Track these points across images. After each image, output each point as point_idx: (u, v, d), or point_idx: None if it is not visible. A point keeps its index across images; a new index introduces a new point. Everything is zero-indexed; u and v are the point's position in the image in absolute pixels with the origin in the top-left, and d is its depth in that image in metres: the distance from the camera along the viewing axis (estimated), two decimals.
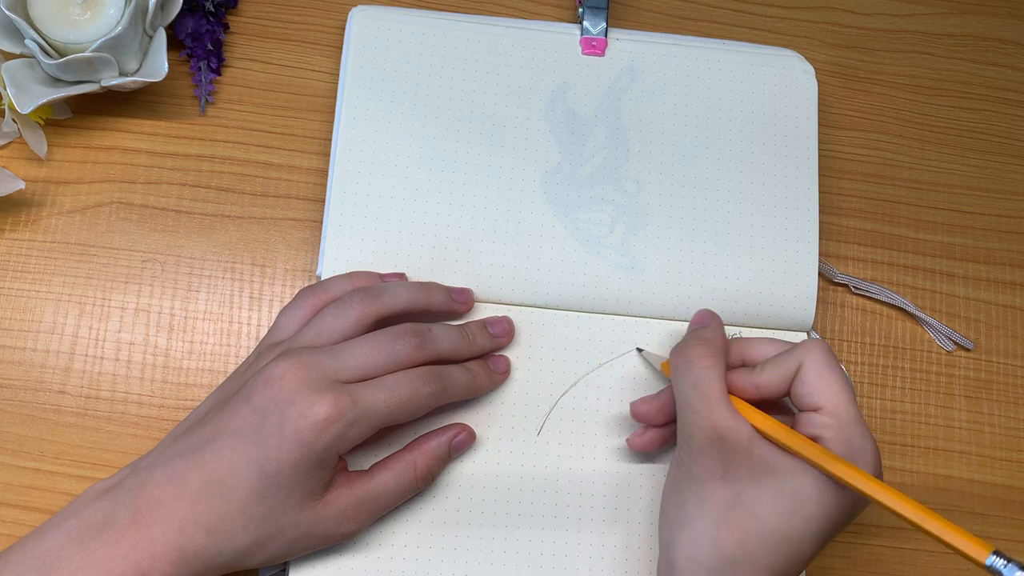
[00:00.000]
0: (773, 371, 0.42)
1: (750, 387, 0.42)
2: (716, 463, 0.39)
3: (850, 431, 0.39)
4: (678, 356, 0.43)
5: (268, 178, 0.51)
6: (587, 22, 0.52)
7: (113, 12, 0.48)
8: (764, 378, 0.42)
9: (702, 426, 0.40)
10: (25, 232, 0.50)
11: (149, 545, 0.38)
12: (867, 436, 0.40)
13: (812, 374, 0.40)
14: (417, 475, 0.43)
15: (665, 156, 0.51)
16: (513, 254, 0.49)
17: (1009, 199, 0.56)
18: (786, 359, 0.41)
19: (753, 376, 0.42)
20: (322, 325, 0.43)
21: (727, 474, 0.39)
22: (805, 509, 0.38)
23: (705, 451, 0.40)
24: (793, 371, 0.41)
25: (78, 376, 0.48)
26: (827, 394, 0.40)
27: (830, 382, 0.40)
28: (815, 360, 0.41)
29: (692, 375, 0.42)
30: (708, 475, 0.39)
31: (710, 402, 0.41)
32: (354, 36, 0.51)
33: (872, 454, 0.39)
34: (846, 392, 0.40)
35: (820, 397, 0.40)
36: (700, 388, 0.41)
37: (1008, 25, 0.59)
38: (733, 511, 0.38)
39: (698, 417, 0.41)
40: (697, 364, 0.42)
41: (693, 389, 0.41)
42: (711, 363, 0.42)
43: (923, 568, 0.50)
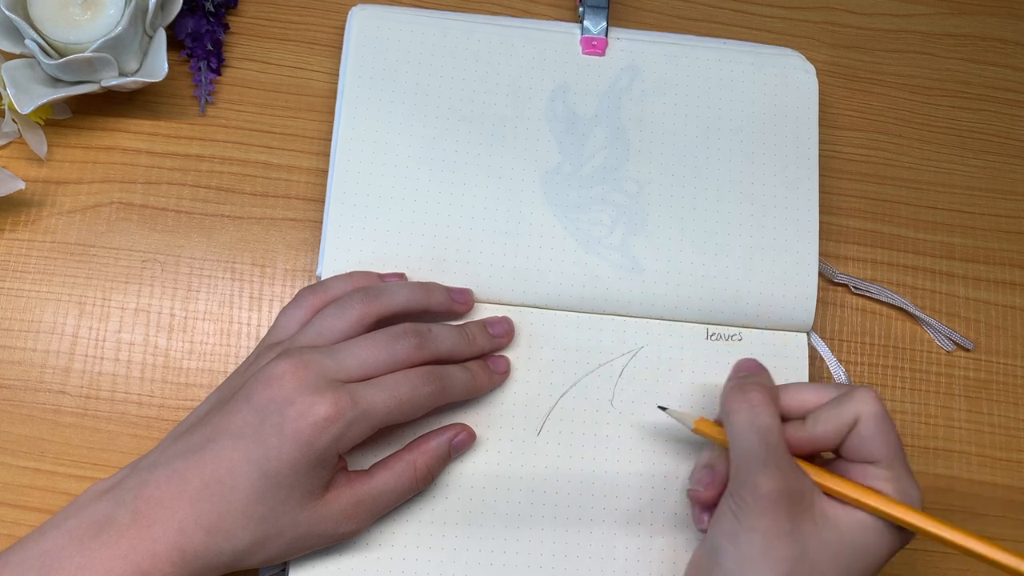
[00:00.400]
0: (827, 425, 0.41)
1: (805, 442, 0.41)
2: (785, 519, 0.39)
3: (904, 482, 0.40)
4: (739, 401, 0.42)
5: (268, 178, 0.51)
6: (587, 22, 0.52)
7: (113, 12, 0.48)
8: (819, 432, 0.41)
9: (770, 479, 0.39)
10: (25, 232, 0.50)
11: (149, 545, 0.38)
12: (916, 484, 0.41)
13: (871, 428, 0.40)
14: (417, 475, 0.43)
15: (665, 156, 0.51)
16: (513, 254, 0.49)
17: (1009, 199, 0.56)
18: (840, 412, 0.41)
19: (807, 430, 0.41)
20: (322, 325, 0.43)
21: (794, 530, 0.39)
22: (865, 559, 0.39)
23: (773, 506, 0.39)
24: (849, 425, 0.41)
25: (78, 376, 0.48)
26: (884, 446, 0.40)
27: (887, 435, 0.40)
28: (872, 414, 0.40)
29: (758, 422, 0.40)
30: (775, 530, 0.39)
31: (776, 451, 0.40)
32: (354, 36, 0.51)
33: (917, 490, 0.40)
34: (898, 442, 0.41)
35: (878, 450, 0.40)
36: (768, 438, 0.40)
37: (1008, 25, 0.59)
38: (799, 566, 0.39)
39: (766, 469, 0.39)
40: (763, 412, 0.41)
41: (760, 438, 0.40)
42: (775, 411, 0.41)
43: (923, 568, 0.50)
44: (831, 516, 0.40)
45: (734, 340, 0.49)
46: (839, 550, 0.39)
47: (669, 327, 0.49)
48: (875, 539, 0.40)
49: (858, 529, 0.40)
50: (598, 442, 0.47)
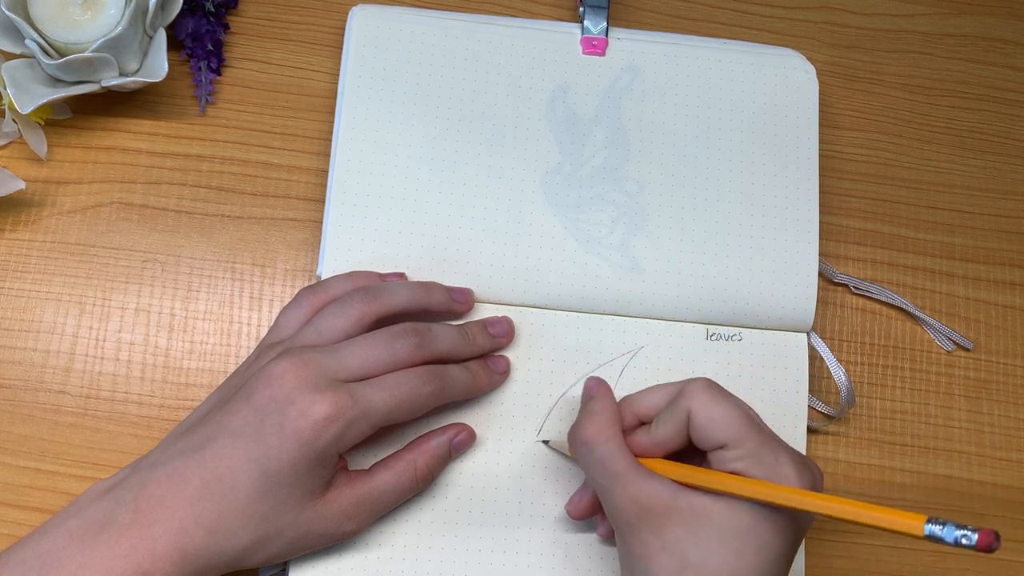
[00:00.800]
0: (667, 426, 0.41)
1: (653, 447, 0.41)
2: (650, 535, 0.38)
3: (761, 454, 0.39)
4: (574, 439, 0.42)
5: (268, 178, 0.51)
6: (588, 22, 0.52)
7: (113, 12, 0.48)
8: (661, 435, 0.41)
9: (622, 504, 0.39)
10: (25, 232, 0.50)
11: (150, 544, 0.38)
12: (780, 450, 0.39)
13: (702, 416, 0.40)
14: (417, 475, 0.43)
15: (665, 156, 0.51)
16: (513, 254, 0.49)
17: (1009, 199, 0.56)
18: (674, 411, 0.41)
19: (652, 435, 0.41)
20: (322, 325, 0.43)
21: (665, 541, 0.38)
22: (752, 543, 0.37)
23: (635, 527, 0.39)
24: (684, 419, 0.40)
25: (78, 376, 0.48)
26: (724, 428, 0.39)
27: (722, 416, 0.39)
28: (699, 401, 0.40)
29: (594, 456, 0.41)
30: (648, 550, 0.38)
31: (621, 478, 0.40)
32: (354, 36, 0.50)
33: (788, 464, 0.38)
34: (741, 419, 0.39)
35: (719, 434, 0.39)
36: (606, 467, 0.40)
37: (1008, 25, 0.59)
38: (685, 574, 0.38)
39: (615, 496, 0.40)
40: (594, 444, 0.41)
41: (600, 471, 0.41)
42: (607, 436, 0.41)
43: (923, 568, 0.50)
44: (698, 509, 0.38)
45: (734, 340, 0.49)
46: (721, 543, 0.37)
47: (669, 327, 0.49)
48: (752, 521, 0.37)
49: (731, 515, 0.38)
50: None
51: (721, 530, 0.38)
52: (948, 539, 0.32)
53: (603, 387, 0.45)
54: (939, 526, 0.33)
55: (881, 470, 0.51)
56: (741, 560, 0.37)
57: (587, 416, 0.43)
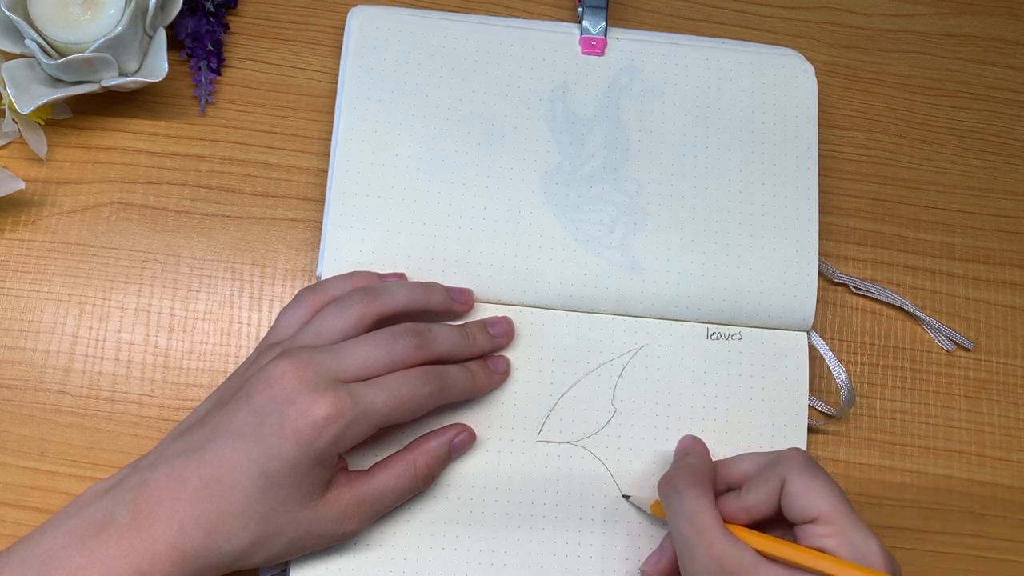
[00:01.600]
0: (758, 492, 0.41)
1: (741, 513, 0.41)
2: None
3: (851, 534, 0.38)
4: (667, 488, 0.42)
5: (268, 178, 0.51)
6: (586, 22, 0.52)
7: (113, 12, 0.48)
8: (751, 501, 0.41)
9: (704, 561, 0.39)
10: (25, 232, 0.50)
11: (149, 545, 0.38)
12: (869, 535, 0.39)
13: (798, 487, 0.39)
14: (417, 475, 0.43)
15: (665, 156, 0.51)
16: (513, 254, 0.49)
17: (1009, 199, 0.56)
18: (768, 477, 0.41)
19: (741, 500, 0.41)
20: (322, 325, 0.43)
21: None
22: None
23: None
24: (778, 487, 0.40)
25: (78, 376, 0.48)
26: (818, 503, 0.39)
27: (817, 490, 0.39)
28: (795, 472, 0.40)
29: (684, 507, 0.41)
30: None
31: (708, 534, 0.39)
32: (353, 36, 0.51)
33: (878, 552, 0.38)
34: (835, 495, 0.39)
35: (811, 507, 0.39)
36: (694, 521, 0.40)
37: (1008, 25, 0.59)
38: None
39: (698, 551, 0.39)
40: (686, 495, 0.41)
41: (688, 523, 0.40)
42: (700, 492, 0.41)
43: (923, 568, 0.50)
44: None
45: (734, 339, 0.49)
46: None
47: (669, 326, 0.49)
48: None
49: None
50: (598, 442, 0.47)
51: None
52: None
53: (700, 445, 0.46)
54: None
55: (881, 470, 0.51)
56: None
57: (683, 468, 0.43)
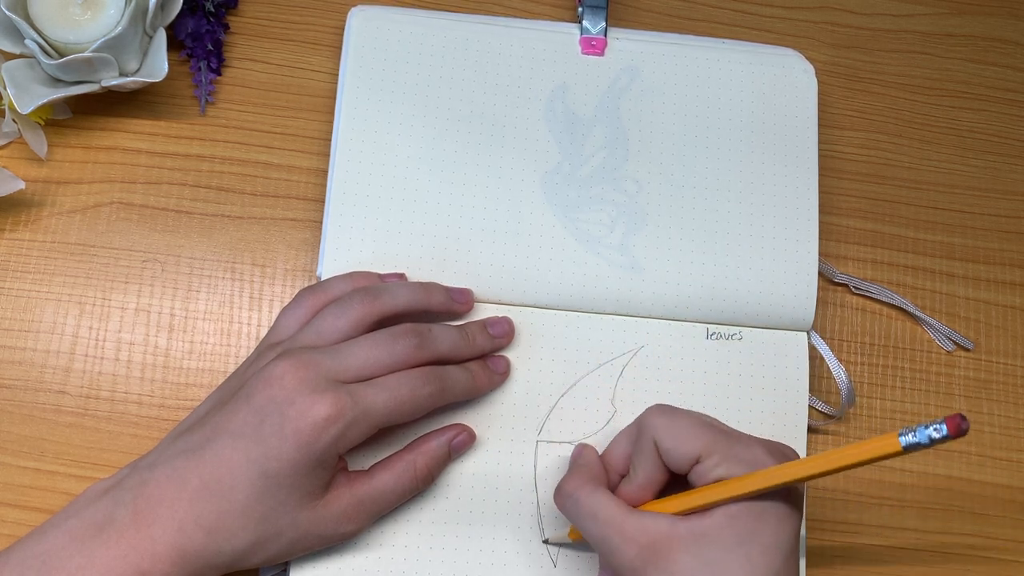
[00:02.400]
0: (642, 464, 0.41)
1: (639, 491, 0.41)
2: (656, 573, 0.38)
3: (736, 452, 0.38)
4: (561, 495, 0.42)
5: (268, 178, 0.51)
6: (586, 22, 0.52)
7: (113, 12, 0.48)
8: (640, 475, 0.41)
9: (622, 548, 0.39)
10: (25, 232, 0.50)
11: (149, 545, 0.38)
12: (751, 442, 0.39)
13: (667, 441, 0.39)
14: (417, 476, 0.43)
15: (665, 156, 0.51)
16: (513, 254, 0.49)
17: (1009, 199, 0.56)
18: (641, 447, 0.41)
19: (632, 481, 0.41)
20: (322, 325, 0.43)
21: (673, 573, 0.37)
22: (756, 543, 0.37)
23: (639, 570, 0.38)
24: (654, 451, 0.40)
25: (78, 376, 0.48)
26: (691, 443, 0.39)
27: (685, 431, 0.39)
28: (659, 427, 0.40)
29: (582, 508, 0.40)
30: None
31: (614, 521, 0.39)
32: (353, 36, 0.51)
33: (763, 453, 0.38)
34: (704, 428, 0.39)
35: (688, 450, 0.39)
36: (598, 516, 0.40)
37: (1008, 25, 0.59)
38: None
39: (613, 542, 0.39)
40: (580, 495, 0.41)
41: (593, 520, 0.40)
42: (592, 487, 0.41)
43: (923, 568, 0.50)
44: (698, 532, 0.38)
45: (734, 339, 0.49)
46: (728, 555, 0.37)
47: (669, 326, 0.49)
48: (751, 521, 0.37)
49: (728, 524, 0.37)
50: (598, 442, 0.47)
51: (726, 543, 0.37)
52: (923, 440, 0.33)
53: (588, 449, 0.45)
54: (911, 434, 0.33)
55: (881, 470, 0.51)
56: (752, 564, 0.37)
57: (570, 472, 0.43)
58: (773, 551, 0.37)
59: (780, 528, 0.38)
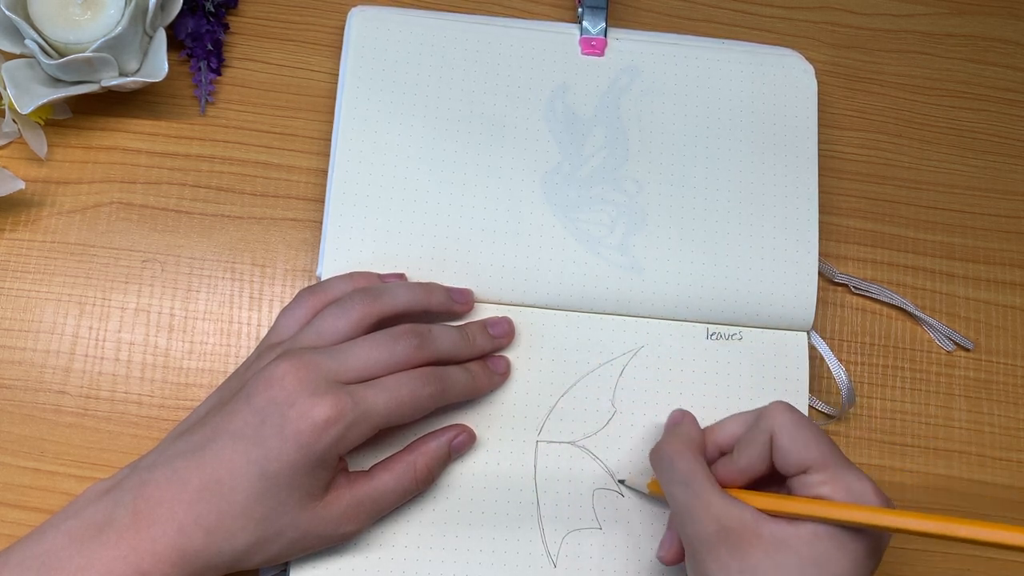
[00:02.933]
0: (749, 452, 0.41)
1: (735, 475, 0.41)
2: (728, 557, 0.38)
3: (845, 479, 0.38)
4: (659, 458, 0.42)
5: (268, 178, 0.51)
6: (586, 22, 0.52)
7: (113, 12, 0.48)
8: (744, 461, 0.41)
9: (703, 522, 0.39)
10: (25, 232, 0.50)
11: (149, 545, 0.38)
12: (862, 476, 0.39)
13: (785, 440, 0.40)
14: (417, 476, 0.43)
15: (665, 156, 0.51)
16: (513, 254, 0.49)
17: (1009, 199, 0.56)
18: (756, 435, 0.41)
19: (734, 463, 0.41)
20: (322, 326, 0.43)
21: (743, 565, 0.38)
22: (830, 571, 0.37)
23: (713, 548, 0.39)
24: (767, 443, 0.40)
25: (78, 376, 0.48)
26: (807, 452, 0.39)
27: (805, 440, 0.39)
28: (782, 425, 0.40)
29: (677, 474, 0.41)
30: (726, 572, 0.38)
31: (704, 496, 0.39)
32: (353, 36, 0.51)
33: (872, 492, 0.38)
34: (824, 442, 0.39)
35: (802, 457, 0.39)
36: (690, 485, 0.40)
37: (1008, 25, 0.59)
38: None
39: (696, 514, 0.39)
40: (679, 461, 0.41)
41: (683, 488, 0.40)
42: (692, 456, 0.41)
43: (924, 568, 0.50)
44: (780, 537, 0.38)
45: (734, 339, 0.49)
46: (799, 570, 0.37)
47: (669, 326, 0.49)
48: (833, 548, 0.37)
49: (811, 542, 0.37)
50: (598, 442, 0.47)
51: (801, 558, 0.37)
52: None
53: (689, 416, 0.46)
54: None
55: (881, 470, 0.51)
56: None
57: (673, 437, 0.43)
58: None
59: (855, 565, 0.38)
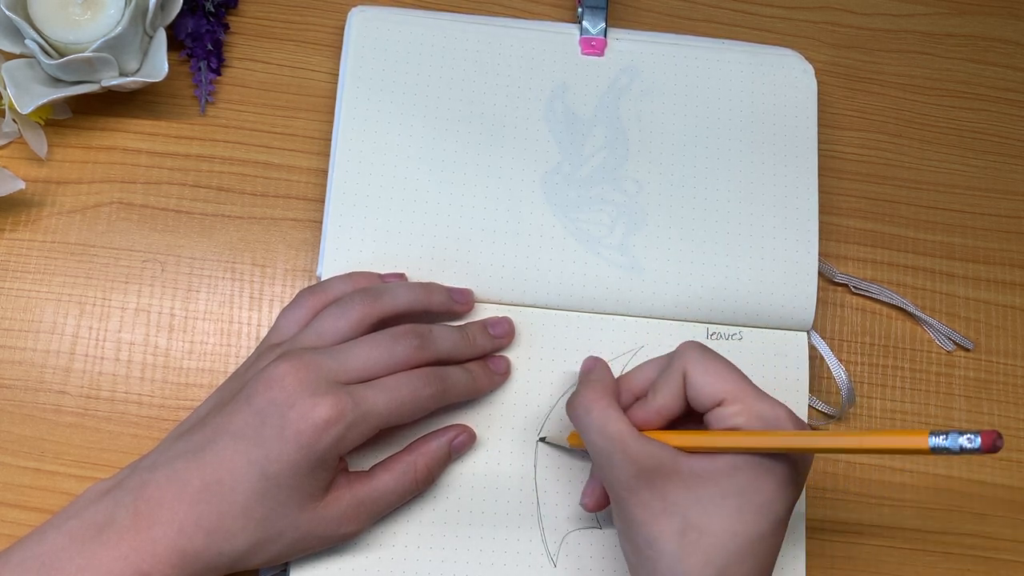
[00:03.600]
0: (664, 390, 0.41)
1: (652, 416, 0.41)
2: (649, 497, 0.39)
3: (758, 407, 0.39)
4: (573, 407, 0.42)
5: (268, 178, 0.51)
6: (586, 22, 0.52)
7: (113, 12, 0.48)
8: (659, 401, 0.41)
9: (622, 466, 0.39)
10: (25, 232, 0.49)
11: (150, 546, 0.38)
12: (775, 404, 0.39)
13: (697, 375, 0.40)
14: (417, 476, 0.43)
15: (665, 156, 0.51)
16: (513, 254, 0.49)
17: (1009, 199, 0.56)
18: (669, 374, 0.41)
19: (649, 403, 0.41)
20: (323, 326, 0.43)
21: (665, 503, 0.38)
22: (752, 501, 0.38)
23: (634, 490, 0.39)
24: (681, 381, 0.40)
25: (78, 376, 0.48)
26: (719, 384, 0.39)
27: (716, 372, 0.40)
28: (693, 360, 0.40)
29: (593, 420, 0.41)
30: (648, 513, 0.39)
31: (620, 438, 0.39)
32: (353, 36, 0.50)
33: (785, 417, 0.39)
34: (735, 375, 0.40)
35: (714, 390, 0.39)
36: (605, 430, 0.40)
37: (1008, 25, 0.59)
38: (687, 537, 0.38)
39: (615, 459, 0.39)
40: (593, 408, 0.41)
41: (599, 434, 0.40)
42: (606, 403, 0.41)
43: (923, 568, 0.50)
44: (699, 472, 0.38)
45: (734, 339, 0.49)
46: (722, 503, 0.38)
47: (669, 326, 0.49)
48: (753, 477, 0.38)
49: (731, 474, 0.38)
50: None
51: (723, 490, 0.38)
52: (953, 447, 0.32)
53: (600, 362, 0.46)
54: (942, 437, 0.32)
55: (881, 470, 0.51)
56: (742, 518, 0.38)
57: (585, 383, 0.43)
58: (764, 512, 0.38)
59: (778, 493, 0.38)
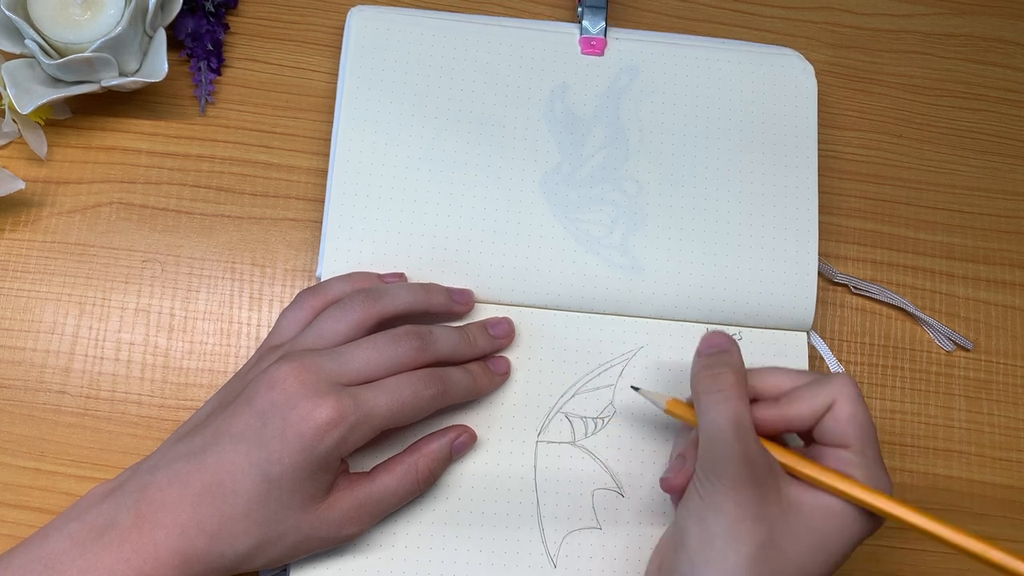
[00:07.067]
0: (804, 405, 0.41)
1: (778, 420, 0.41)
2: (751, 500, 0.39)
3: (874, 471, 0.40)
4: (709, 383, 0.41)
5: (268, 178, 0.51)
6: (586, 21, 0.52)
7: (113, 12, 0.48)
8: (793, 411, 0.41)
9: (737, 460, 0.39)
10: (25, 232, 0.50)
11: (151, 548, 0.38)
12: (887, 475, 0.40)
13: (845, 412, 0.40)
14: (418, 477, 0.43)
15: (665, 156, 0.51)
16: (513, 254, 0.49)
17: (1009, 199, 0.56)
18: (818, 393, 0.41)
19: (781, 409, 0.41)
20: (323, 327, 0.43)
21: (761, 512, 0.39)
22: (832, 545, 0.39)
23: (740, 487, 0.39)
24: (825, 406, 0.41)
25: (78, 376, 0.48)
26: (858, 431, 0.40)
27: (862, 422, 0.40)
28: (849, 398, 0.40)
29: (729, 407, 0.40)
30: (742, 512, 0.39)
31: (748, 437, 0.40)
32: (353, 36, 0.50)
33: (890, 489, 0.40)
34: (872, 432, 0.40)
35: (850, 435, 0.40)
36: (739, 422, 0.40)
37: (1008, 25, 0.59)
38: (766, 550, 0.38)
39: (733, 452, 0.39)
40: (732, 395, 0.40)
41: (730, 422, 0.40)
42: (742, 393, 0.41)
43: (923, 568, 0.50)
44: (796, 501, 0.39)
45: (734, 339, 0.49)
46: (805, 535, 0.39)
47: (669, 327, 0.49)
48: (842, 525, 0.39)
49: (825, 515, 0.39)
50: (598, 442, 0.47)
51: (811, 526, 0.39)
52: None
53: (735, 346, 0.44)
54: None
55: None
56: (815, 557, 0.39)
57: (726, 366, 0.42)
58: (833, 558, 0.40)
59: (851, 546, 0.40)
